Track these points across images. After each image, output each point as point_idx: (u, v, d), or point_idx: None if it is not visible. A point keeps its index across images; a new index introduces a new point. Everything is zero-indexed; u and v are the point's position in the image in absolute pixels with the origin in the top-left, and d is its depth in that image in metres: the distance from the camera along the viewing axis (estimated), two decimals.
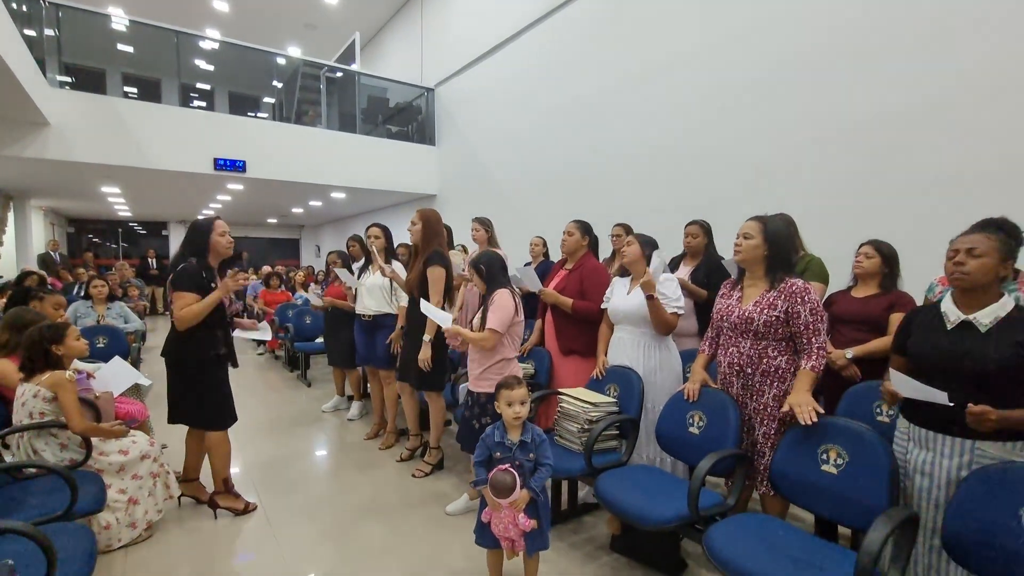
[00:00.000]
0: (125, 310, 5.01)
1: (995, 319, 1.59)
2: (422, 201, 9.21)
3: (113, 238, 15.02)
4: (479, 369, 2.66)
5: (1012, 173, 2.85)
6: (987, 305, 1.61)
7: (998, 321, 1.59)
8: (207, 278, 2.54)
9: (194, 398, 2.59)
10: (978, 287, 1.62)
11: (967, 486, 1.47)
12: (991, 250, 1.60)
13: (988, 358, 1.55)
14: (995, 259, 1.60)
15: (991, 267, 1.60)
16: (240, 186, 8.05)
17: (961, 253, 1.64)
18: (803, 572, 1.50)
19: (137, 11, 9.53)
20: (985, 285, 1.62)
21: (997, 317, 1.59)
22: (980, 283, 1.61)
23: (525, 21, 6.55)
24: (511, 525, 1.89)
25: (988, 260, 1.59)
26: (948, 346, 1.64)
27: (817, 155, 3.75)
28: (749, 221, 2.17)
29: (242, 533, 2.59)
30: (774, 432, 2.04)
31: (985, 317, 1.60)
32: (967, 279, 1.61)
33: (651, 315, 2.57)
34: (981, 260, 1.59)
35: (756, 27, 4.10)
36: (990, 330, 1.59)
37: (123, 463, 2.39)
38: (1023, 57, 2.81)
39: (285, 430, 4.16)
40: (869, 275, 2.62)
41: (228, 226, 2.70)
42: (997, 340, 1.56)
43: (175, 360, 2.57)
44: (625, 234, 3.76)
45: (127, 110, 6.26)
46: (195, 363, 2.56)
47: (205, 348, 2.55)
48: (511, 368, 2.65)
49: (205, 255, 2.57)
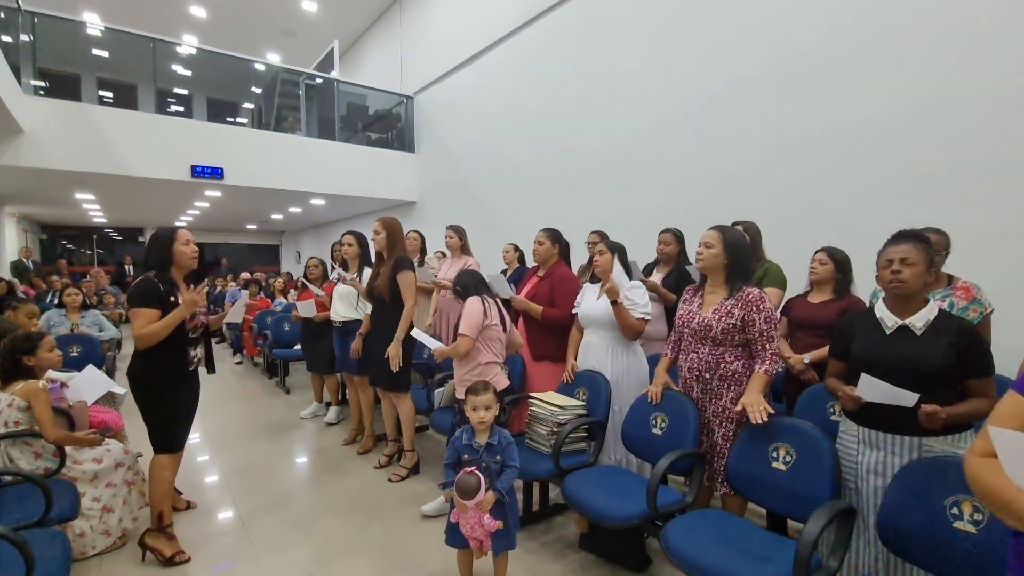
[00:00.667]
0: (100, 318, 4.97)
1: (927, 323, 1.72)
2: (403, 208, 9.25)
3: (88, 244, 14.76)
4: (460, 373, 2.74)
5: (955, 183, 3.03)
6: (918, 310, 1.74)
7: (929, 324, 1.72)
8: (166, 292, 2.32)
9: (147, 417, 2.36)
10: (912, 293, 1.75)
11: (899, 481, 1.59)
12: (921, 259, 1.73)
13: (928, 359, 1.67)
14: (924, 267, 1.73)
15: (922, 274, 1.73)
16: (218, 193, 8.02)
17: (896, 262, 1.76)
18: (749, 562, 1.60)
19: (113, 15, 9.47)
20: (917, 291, 1.75)
21: (928, 321, 1.72)
22: (915, 289, 1.74)
23: (502, 31, 6.67)
24: (477, 526, 1.96)
25: (918, 268, 1.72)
26: (890, 350, 1.75)
27: (776, 166, 3.92)
28: (710, 230, 2.27)
29: (218, 540, 2.61)
30: (732, 434, 2.14)
31: (919, 321, 1.73)
32: (905, 287, 1.74)
33: (617, 320, 2.67)
34: (913, 269, 1.72)
35: (722, 44, 4.26)
36: (924, 333, 1.71)
37: (97, 471, 2.41)
38: (966, 75, 2.99)
39: (263, 437, 4.17)
40: (824, 281, 2.76)
41: (193, 235, 2.53)
42: (932, 342, 1.68)
43: (133, 378, 2.33)
44: (600, 241, 3.88)
45: (103, 117, 6.22)
46: (150, 381, 2.32)
47: (164, 366, 2.33)
48: (491, 372, 2.73)
49: (168, 267, 2.38)
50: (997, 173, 2.88)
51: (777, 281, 2.94)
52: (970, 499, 1.41)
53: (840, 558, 1.61)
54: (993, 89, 2.89)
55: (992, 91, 2.90)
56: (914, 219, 2.55)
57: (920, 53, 3.17)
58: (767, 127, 3.98)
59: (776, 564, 1.58)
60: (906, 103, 3.23)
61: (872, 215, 3.34)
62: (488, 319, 2.73)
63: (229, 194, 8.13)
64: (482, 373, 2.66)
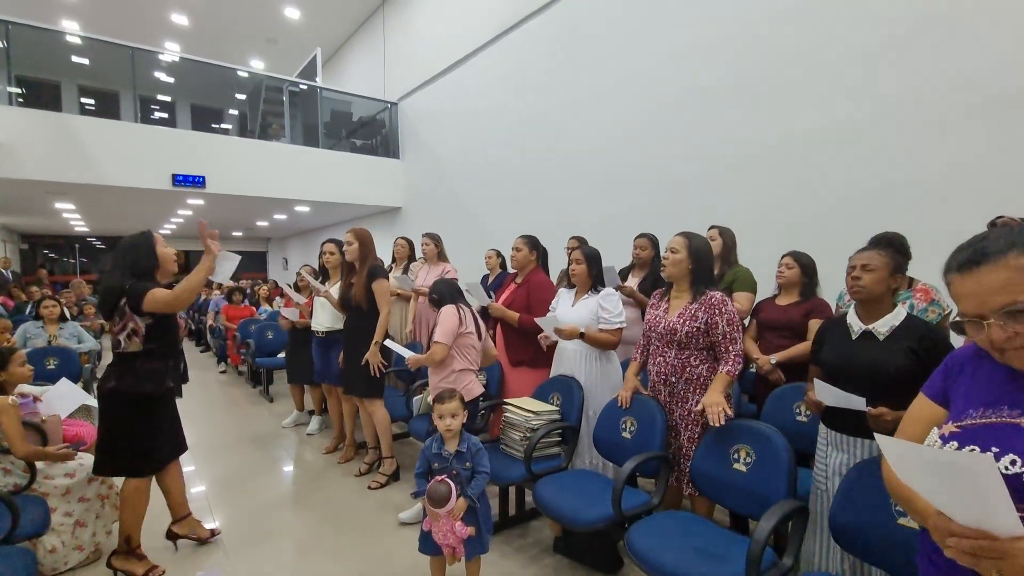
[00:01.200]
0: (79, 330, 4.93)
1: (891, 328, 1.76)
2: (388, 214, 9.26)
3: (70, 253, 14.59)
4: (435, 381, 2.78)
5: (914, 189, 3.11)
6: (883, 315, 1.79)
7: (893, 330, 1.76)
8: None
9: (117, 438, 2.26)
10: (873, 299, 1.80)
11: (848, 479, 1.63)
12: (882, 265, 1.78)
13: (886, 364, 1.71)
14: (885, 273, 1.78)
15: (883, 280, 1.78)
16: (201, 201, 7.98)
17: (857, 269, 1.82)
18: (707, 562, 1.64)
19: (93, 22, 9.42)
20: (879, 296, 1.79)
21: (892, 326, 1.76)
22: (875, 295, 1.79)
23: (483, 39, 6.72)
24: (450, 533, 1.99)
25: (879, 274, 1.77)
26: (853, 354, 1.80)
27: (747, 171, 3.99)
28: (676, 237, 2.32)
29: (196, 551, 2.61)
30: (698, 436, 2.19)
31: (882, 327, 1.78)
32: (863, 292, 1.79)
33: (591, 344, 2.72)
34: (874, 274, 1.77)
35: (693, 53, 4.33)
36: (888, 338, 1.76)
37: (69, 486, 2.40)
38: (924, 84, 3.07)
39: (245, 446, 4.16)
40: (791, 284, 2.83)
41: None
42: (893, 347, 1.73)
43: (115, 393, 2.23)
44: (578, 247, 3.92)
45: (81, 126, 6.18)
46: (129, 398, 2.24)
47: (144, 382, 2.25)
48: (465, 380, 2.76)
49: (154, 274, 2.31)
50: (955, 178, 2.97)
51: (747, 285, 3.01)
52: None
53: (795, 555, 1.65)
54: (948, 97, 2.98)
55: (947, 99, 2.98)
56: (876, 224, 2.64)
57: (879, 63, 3.26)
58: (737, 133, 4.05)
59: (733, 563, 1.62)
60: (867, 111, 3.32)
61: (836, 220, 3.42)
62: (463, 327, 2.77)
63: (212, 202, 8.09)
64: (456, 380, 2.69)
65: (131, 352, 2.25)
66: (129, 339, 2.25)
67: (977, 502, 0.76)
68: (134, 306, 2.22)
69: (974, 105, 2.88)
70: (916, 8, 3.10)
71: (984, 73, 2.84)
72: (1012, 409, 0.90)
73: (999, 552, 0.75)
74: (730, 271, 3.06)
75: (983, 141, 2.86)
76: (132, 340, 2.25)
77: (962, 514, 0.79)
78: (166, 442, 2.42)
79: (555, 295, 3.09)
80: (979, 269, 0.87)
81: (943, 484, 0.79)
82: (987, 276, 0.87)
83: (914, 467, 0.83)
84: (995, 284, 0.85)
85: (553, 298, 3.08)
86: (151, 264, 2.30)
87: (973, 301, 0.88)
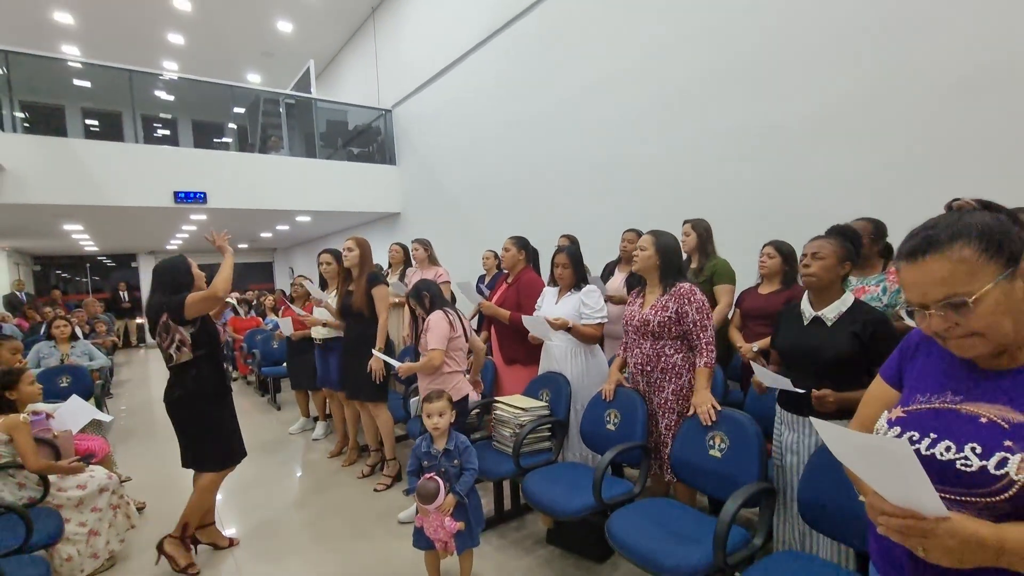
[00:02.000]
0: (90, 348, 5.08)
1: (838, 314, 1.84)
2: (388, 219, 9.37)
3: (82, 273, 14.86)
4: (425, 384, 2.87)
5: (893, 174, 3.14)
6: (832, 302, 1.86)
7: (840, 315, 1.83)
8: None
9: (199, 439, 2.54)
10: (822, 286, 1.87)
11: (814, 459, 1.70)
12: (830, 253, 1.85)
13: (828, 348, 1.80)
14: (834, 260, 1.84)
15: (832, 267, 1.85)
16: (203, 216, 8.13)
17: (807, 257, 1.88)
18: (681, 545, 1.71)
19: (92, 45, 9.62)
20: (828, 283, 1.86)
21: (840, 312, 1.84)
22: (824, 281, 1.86)
23: (471, 43, 6.79)
24: (440, 528, 2.08)
25: (828, 262, 1.84)
26: (802, 339, 1.89)
27: (729, 162, 4.03)
28: (645, 235, 2.41)
29: (212, 555, 2.71)
30: (674, 424, 2.27)
31: (830, 312, 1.85)
32: (813, 280, 1.87)
33: (575, 336, 2.81)
34: (822, 262, 1.85)
35: (674, 48, 4.37)
36: (835, 323, 1.83)
37: (81, 497, 2.52)
38: (902, 70, 3.10)
39: (253, 453, 4.25)
40: (772, 273, 2.89)
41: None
42: (839, 332, 1.80)
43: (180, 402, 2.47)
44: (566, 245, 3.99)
45: (82, 149, 6.34)
46: (202, 398, 2.50)
47: (206, 384, 2.50)
48: (453, 381, 2.85)
49: (190, 289, 2.49)
50: (933, 163, 2.99)
51: (726, 277, 3.06)
52: None
53: (765, 534, 1.72)
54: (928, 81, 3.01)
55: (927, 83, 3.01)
56: (855, 210, 2.68)
57: (856, 50, 3.29)
58: (718, 125, 4.08)
59: (705, 545, 1.69)
60: (845, 99, 3.35)
61: (818, 207, 3.46)
62: (454, 331, 2.85)
63: (215, 217, 8.24)
64: (444, 382, 2.78)
65: (184, 363, 2.47)
66: (179, 350, 2.45)
67: (902, 484, 0.79)
68: (177, 317, 2.41)
69: (950, 88, 2.90)
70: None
71: (959, 56, 2.86)
72: (955, 395, 0.92)
73: (924, 531, 0.78)
74: (708, 263, 3.12)
75: (959, 124, 2.88)
76: (182, 351, 2.46)
77: (892, 495, 0.82)
78: (239, 437, 2.75)
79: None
80: (924, 259, 0.86)
81: (872, 467, 0.82)
82: (930, 266, 0.86)
83: (847, 450, 0.87)
84: (937, 276, 0.85)
85: (538, 299, 3.16)
86: (188, 282, 2.51)
87: (916, 290, 0.88)
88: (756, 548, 1.69)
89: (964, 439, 0.85)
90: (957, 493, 0.83)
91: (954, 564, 0.79)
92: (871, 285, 2.45)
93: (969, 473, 0.82)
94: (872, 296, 2.36)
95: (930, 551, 0.79)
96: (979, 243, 0.83)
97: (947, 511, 0.77)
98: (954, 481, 0.84)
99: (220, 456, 2.63)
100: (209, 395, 2.54)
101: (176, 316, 2.41)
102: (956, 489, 0.83)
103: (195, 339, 2.48)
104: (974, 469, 0.82)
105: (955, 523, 0.77)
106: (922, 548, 0.80)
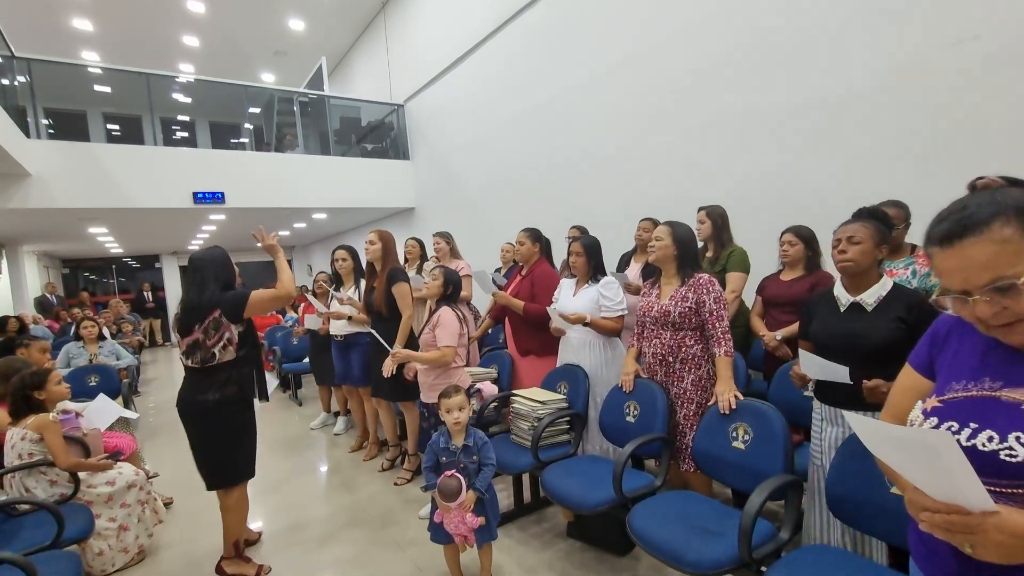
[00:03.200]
0: (117, 348, 5.21)
1: (878, 299, 1.76)
2: (402, 214, 9.40)
3: (108, 274, 15.24)
4: (429, 379, 2.86)
5: (916, 155, 3.02)
6: (870, 286, 1.79)
7: (880, 300, 1.76)
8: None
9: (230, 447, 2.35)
10: (861, 271, 1.79)
11: (842, 452, 1.65)
12: (867, 237, 1.77)
13: (872, 334, 1.71)
14: (871, 244, 1.77)
15: (869, 251, 1.77)
16: (222, 216, 8.25)
17: (844, 242, 1.81)
18: (705, 538, 1.68)
19: (110, 50, 9.79)
20: (866, 268, 1.79)
21: (880, 297, 1.76)
22: (862, 267, 1.78)
23: (481, 34, 6.73)
24: (461, 523, 2.08)
25: (865, 246, 1.76)
26: (842, 327, 1.80)
27: (746, 147, 3.92)
28: (661, 226, 2.39)
29: None
30: (692, 414, 2.25)
31: (870, 297, 1.77)
32: (851, 265, 1.79)
33: (594, 329, 2.77)
34: (859, 247, 1.77)
35: (690, 30, 4.26)
36: (876, 309, 1.76)
37: (111, 493, 2.58)
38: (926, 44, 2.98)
39: (276, 449, 4.35)
40: (795, 260, 2.81)
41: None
42: (881, 317, 1.73)
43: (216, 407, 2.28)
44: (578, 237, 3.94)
45: (104, 154, 6.46)
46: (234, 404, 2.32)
47: (247, 387, 2.38)
48: (458, 375, 2.85)
49: (234, 284, 2.43)
50: (956, 143, 2.87)
51: (740, 266, 3.00)
52: None
53: (792, 529, 1.67)
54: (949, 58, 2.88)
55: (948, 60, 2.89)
56: (879, 192, 2.59)
57: (874, 32, 3.16)
58: (733, 109, 3.97)
59: (730, 538, 1.66)
60: (867, 77, 3.22)
61: (840, 190, 3.35)
62: (462, 329, 2.85)
63: (233, 216, 8.36)
64: (449, 377, 2.78)
65: (221, 363, 2.30)
66: (224, 349, 2.30)
67: (945, 478, 0.74)
68: (234, 314, 2.31)
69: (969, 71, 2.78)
70: None
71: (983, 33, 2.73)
72: (994, 382, 0.86)
73: (970, 527, 0.74)
74: (724, 252, 3.05)
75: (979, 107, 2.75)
76: (227, 350, 2.31)
77: (934, 489, 0.78)
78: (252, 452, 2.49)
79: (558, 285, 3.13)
80: (961, 243, 0.80)
81: (912, 460, 0.78)
82: (970, 250, 0.79)
83: (883, 444, 0.83)
84: (979, 259, 0.79)
85: (556, 288, 3.13)
86: (232, 275, 2.43)
87: (957, 277, 0.82)
88: (783, 542, 1.65)
89: (1007, 428, 0.80)
90: (1001, 485, 0.78)
91: (1004, 560, 0.74)
92: (899, 268, 2.36)
93: (1015, 464, 0.77)
94: (901, 279, 2.27)
95: (977, 547, 0.75)
96: (1020, 220, 0.78)
97: (994, 504, 0.73)
98: (998, 473, 0.79)
99: (249, 464, 2.45)
100: (248, 397, 2.41)
101: (233, 313, 2.30)
102: (1000, 481, 0.79)
103: (241, 337, 2.36)
104: (1021, 460, 0.77)
105: (1004, 517, 0.72)
106: (969, 545, 0.76)
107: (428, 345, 2.82)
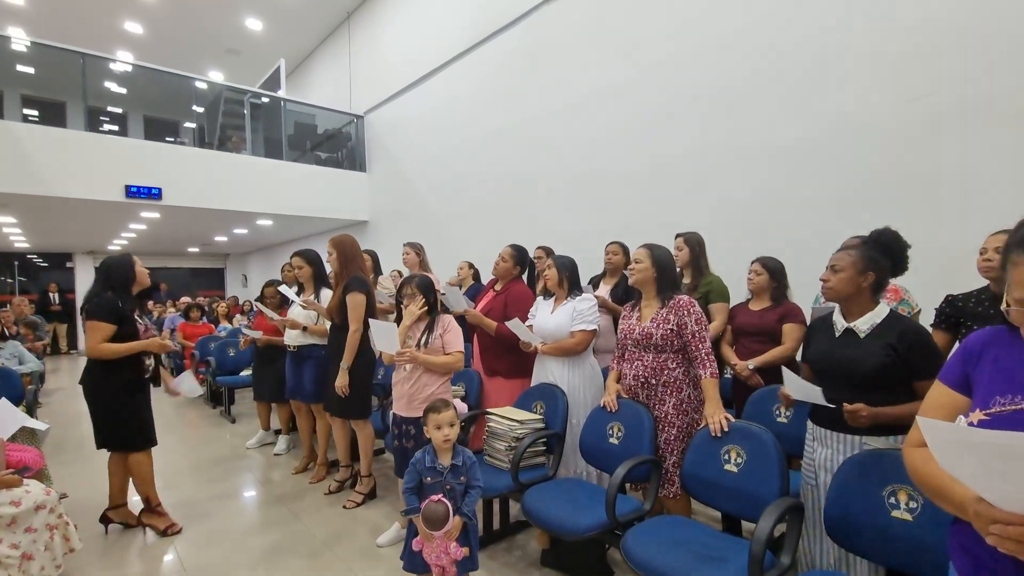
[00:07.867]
0: (20, 350, 4.61)
1: (871, 325, 1.79)
2: (355, 227, 9.08)
3: (8, 272, 13.63)
4: (405, 388, 2.63)
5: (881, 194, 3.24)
6: (864, 313, 1.83)
7: (874, 327, 1.79)
8: (124, 308, 2.68)
9: (114, 421, 2.70)
10: (843, 297, 1.84)
11: (842, 474, 1.65)
12: (848, 265, 1.82)
13: (863, 361, 1.74)
14: (853, 272, 1.82)
15: (851, 279, 1.82)
16: (156, 214, 7.63)
17: (827, 270, 1.87)
18: (706, 565, 1.62)
19: (41, 30, 8.97)
20: (849, 295, 1.83)
21: (873, 324, 1.79)
22: (843, 294, 1.83)
23: (453, 52, 6.74)
24: (444, 554, 1.90)
25: (845, 274, 1.82)
26: (834, 352, 1.83)
27: (718, 179, 4.10)
28: (639, 249, 2.40)
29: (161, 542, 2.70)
30: (674, 438, 2.23)
31: (863, 324, 1.80)
32: (831, 292, 1.85)
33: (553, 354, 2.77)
34: (840, 275, 1.82)
35: (663, 64, 4.45)
36: (868, 335, 1.79)
37: (15, 515, 2.19)
38: (880, 99, 3.24)
39: (207, 470, 3.92)
40: (761, 290, 2.89)
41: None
42: (872, 344, 1.76)
43: (94, 386, 2.68)
44: (546, 256, 3.91)
45: (23, 133, 5.82)
46: (113, 387, 2.67)
47: (123, 372, 2.68)
48: (436, 384, 2.68)
49: (128, 288, 2.74)
50: (919, 186, 3.10)
51: (721, 296, 3.05)
52: (905, 487, 1.48)
53: (792, 554, 1.65)
54: (902, 110, 3.15)
55: (901, 113, 3.15)
56: (843, 229, 2.73)
57: (840, 77, 3.42)
58: (707, 141, 4.16)
59: (733, 565, 1.61)
60: (829, 123, 3.47)
61: (806, 225, 3.54)
62: None
63: (168, 215, 7.75)
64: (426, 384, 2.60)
65: None
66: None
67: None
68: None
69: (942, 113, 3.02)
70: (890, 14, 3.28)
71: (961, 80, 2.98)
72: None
73: None
74: (703, 281, 3.10)
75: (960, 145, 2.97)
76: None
77: (1007, 499, 0.75)
78: (151, 424, 2.86)
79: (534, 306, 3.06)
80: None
81: (987, 468, 0.75)
82: None
83: (957, 451, 0.79)
84: None
85: (531, 309, 3.05)
86: (129, 278, 2.74)
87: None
88: (784, 567, 1.62)
89: None
90: None
91: None
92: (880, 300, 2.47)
93: None
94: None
95: None
96: None
97: None
98: None
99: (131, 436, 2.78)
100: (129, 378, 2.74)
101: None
102: None
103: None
104: None
105: None
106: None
107: (435, 351, 2.60)
